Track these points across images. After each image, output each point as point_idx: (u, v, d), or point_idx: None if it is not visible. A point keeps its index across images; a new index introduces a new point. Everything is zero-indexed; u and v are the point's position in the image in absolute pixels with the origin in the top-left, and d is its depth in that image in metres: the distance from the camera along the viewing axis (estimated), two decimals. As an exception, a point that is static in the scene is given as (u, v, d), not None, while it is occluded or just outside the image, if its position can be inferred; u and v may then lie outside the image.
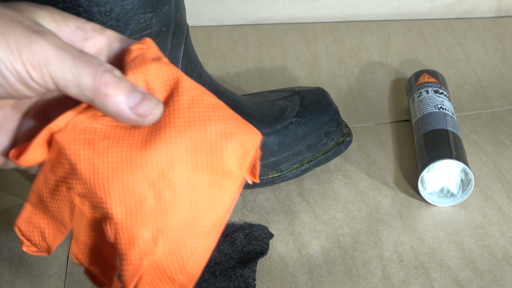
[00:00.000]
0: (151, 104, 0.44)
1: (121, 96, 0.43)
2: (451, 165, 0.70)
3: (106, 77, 0.43)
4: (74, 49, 0.43)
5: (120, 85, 0.43)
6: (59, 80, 0.42)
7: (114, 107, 0.43)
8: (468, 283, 0.63)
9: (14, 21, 0.42)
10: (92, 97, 0.43)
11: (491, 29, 1.00)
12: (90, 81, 0.43)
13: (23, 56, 0.41)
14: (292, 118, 0.72)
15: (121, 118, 0.44)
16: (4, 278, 0.64)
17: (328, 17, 1.04)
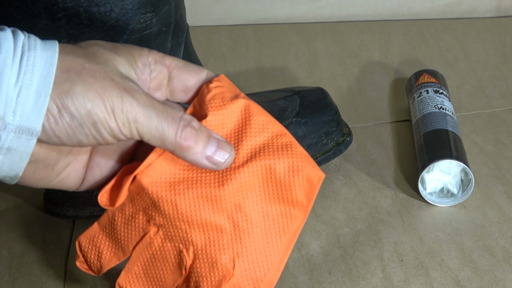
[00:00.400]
0: (225, 154, 0.50)
1: (199, 148, 0.49)
2: (451, 165, 0.70)
3: (186, 132, 0.48)
4: (158, 104, 0.48)
5: (198, 137, 0.49)
6: (145, 135, 0.47)
7: (192, 158, 0.49)
8: (468, 283, 0.63)
9: (107, 79, 0.46)
10: (173, 149, 0.48)
11: (491, 29, 1.00)
12: (172, 137, 0.48)
13: (116, 116, 0.46)
14: (292, 118, 0.72)
15: (198, 165, 0.50)
16: (4, 278, 0.64)
17: (328, 17, 1.04)
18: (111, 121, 0.46)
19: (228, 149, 0.50)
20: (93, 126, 0.46)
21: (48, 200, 0.70)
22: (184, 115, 0.49)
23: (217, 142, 0.50)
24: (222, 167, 0.50)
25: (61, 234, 0.69)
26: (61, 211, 0.70)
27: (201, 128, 0.49)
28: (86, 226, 0.69)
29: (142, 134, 0.47)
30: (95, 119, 0.46)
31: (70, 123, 0.45)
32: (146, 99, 0.47)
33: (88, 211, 0.69)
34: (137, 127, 0.47)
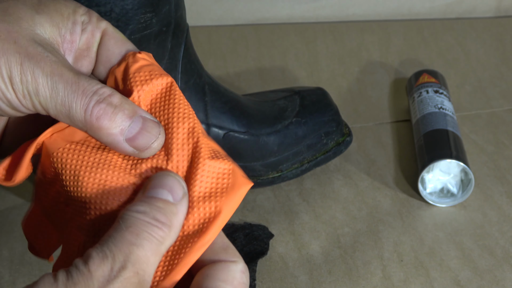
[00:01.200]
0: (150, 137, 0.41)
1: (116, 129, 0.40)
2: (451, 165, 0.70)
3: (99, 108, 0.40)
4: (69, 74, 0.41)
5: (116, 116, 0.40)
6: (50, 110, 0.41)
7: (108, 140, 0.41)
8: (468, 283, 0.63)
9: (8, 41, 0.40)
10: (85, 128, 0.41)
11: (491, 29, 1.00)
12: (81, 114, 0.40)
13: (15, 86, 0.40)
14: (292, 118, 0.72)
15: (116, 149, 0.41)
16: (4, 278, 0.64)
17: (328, 17, 1.04)
18: (7, 92, 0.40)
19: (155, 131, 0.41)
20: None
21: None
22: (101, 88, 0.41)
23: (143, 122, 0.41)
24: (146, 154, 0.41)
25: (61, 234, 0.69)
26: (61, 211, 0.70)
27: (122, 104, 0.41)
28: (86, 226, 0.69)
29: (46, 109, 0.41)
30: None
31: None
32: (54, 67, 0.40)
33: (88, 211, 0.69)
34: (39, 101, 0.41)
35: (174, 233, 0.38)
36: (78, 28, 0.44)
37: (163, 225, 0.38)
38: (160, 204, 0.38)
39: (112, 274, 0.36)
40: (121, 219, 0.38)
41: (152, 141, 0.41)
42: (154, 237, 0.37)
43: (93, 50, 0.45)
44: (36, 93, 0.40)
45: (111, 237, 0.37)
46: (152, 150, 0.41)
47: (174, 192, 0.39)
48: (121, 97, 0.41)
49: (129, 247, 0.37)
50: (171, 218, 0.38)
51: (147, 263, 0.37)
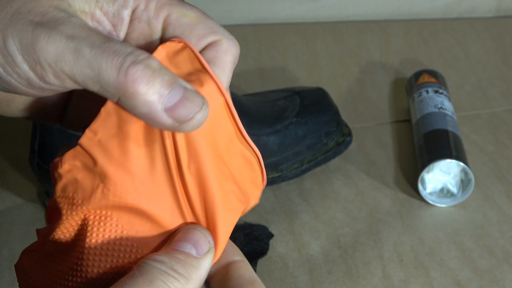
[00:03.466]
0: (192, 107, 0.34)
1: (154, 95, 0.34)
2: (451, 165, 0.70)
3: (135, 69, 0.33)
4: (96, 36, 0.34)
5: (154, 80, 0.34)
6: (77, 77, 0.34)
7: (144, 109, 0.34)
8: (468, 283, 0.63)
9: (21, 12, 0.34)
10: (118, 94, 0.34)
11: (491, 29, 1.00)
12: (113, 75, 0.33)
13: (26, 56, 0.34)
14: (292, 118, 0.72)
15: (153, 122, 0.35)
16: (4, 278, 0.64)
17: (328, 17, 1.04)
18: (17, 67, 0.34)
19: (198, 101, 0.35)
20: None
21: (48, 199, 0.70)
22: (137, 50, 0.34)
23: (184, 91, 0.34)
24: (187, 127, 0.35)
25: (61, 234, 0.69)
26: (61, 211, 0.70)
27: (162, 69, 0.34)
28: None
29: (72, 76, 0.34)
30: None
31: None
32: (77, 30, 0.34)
33: (88, 211, 0.69)
34: (62, 69, 0.34)
35: (191, 286, 0.36)
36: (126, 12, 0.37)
37: (180, 276, 0.35)
38: (180, 256, 0.36)
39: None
40: (136, 266, 0.36)
41: (195, 111, 0.34)
42: (169, 287, 0.35)
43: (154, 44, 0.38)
44: (56, 59, 0.34)
45: (123, 283, 0.35)
46: (195, 122, 0.35)
47: (199, 246, 0.37)
48: (160, 63, 0.34)
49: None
50: (190, 271, 0.36)
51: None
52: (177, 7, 0.38)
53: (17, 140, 0.79)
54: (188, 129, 0.35)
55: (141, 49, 0.35)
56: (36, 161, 0.69)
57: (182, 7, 0.39)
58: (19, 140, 0.79)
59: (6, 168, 0.77)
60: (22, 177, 0.75)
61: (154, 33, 0.38)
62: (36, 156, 0.69)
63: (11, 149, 0.79)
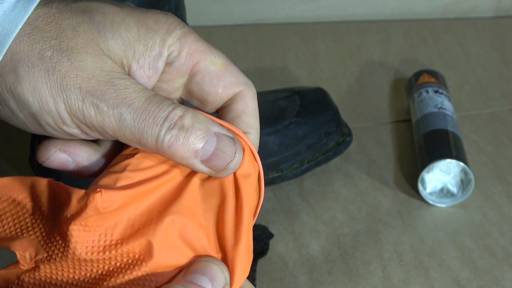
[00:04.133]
0: (226, 157, 0.38)
1: (189, 152, 0.37)
2: (451, 165, 0.70)
3: (170, 136, 0.37)
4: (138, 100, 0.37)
5: (188, 140, 0.37)
6: (119, 138, 0.38)
7: (183, 163, 0.38)
8: (468, 283, 0.63)
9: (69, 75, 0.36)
10: (158, 153, 0.38)
11: (491, 29, 1.00)
12: (152, 143, 0.37)
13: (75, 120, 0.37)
14: (292, 118, 0.72)
15: (193, 169, 0.39)
16: (4, 278, 0.64)
17: (328, 17, 1.04)
18: (65, 126, 0.37)
19: (230, 151, 0.38)
20: (41, 128, 0.38)
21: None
22: (172, 111, 0.37)
23: (217, 141, 0.38)
24: (224, 174, 0.39)
25: (61, 234, 0.69)
26: (61, 211, 0.70)
27: (194, 124, 0.37)
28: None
29: (116, 137, 0.38)
30: (41, 123, 0.37)
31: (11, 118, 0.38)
32: (120, 96, 0.37)
33: (88, 211, 0.69)
34: (107, 132, 0.37)
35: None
36: (161, 63, 0.40)
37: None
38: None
39: None
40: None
41: (228, 162, 0.38)
42: None
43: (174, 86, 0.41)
44: (102, 126, 0.37)
45: None
46: (230, 170, 0.39)
47: (215, 282, 0.37)
48: (192, 115, 0.38)
49: None
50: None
51: None
52: (206, 54, 0.41)
53: (17, 140, 0.79)
54: (224, 175, 0.39)
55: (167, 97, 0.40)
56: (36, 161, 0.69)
57: (211, 53, 0.42)
58: (19, 140, 0.79)
59: (6, 168, 0.77)
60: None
61: (179, 77, 0.41)
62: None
63: (11, 149, 0.79)
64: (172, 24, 0.40)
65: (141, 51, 0.39)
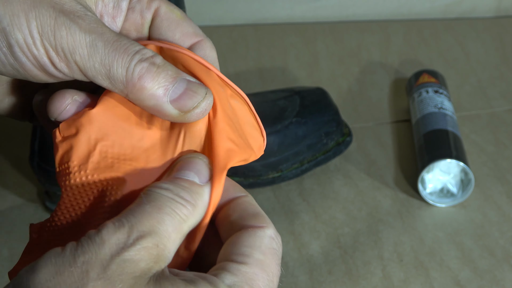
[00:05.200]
0: (196, 96, 0.38)
1: (160, 89, 0.37)
2: (451, 165, 0.70)
3: (141, 67, 0.37)
4: (109, 33, 0.37)
5: (159, 76, 0.37)
6: (87, 71, 0.37)
7: (152, 102, 0.37)
8: (468, 283, 0.63)
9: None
10: (126, 91, 0.37)
11: (491, 29, 1.00)
12: (122, 73, 0.37)
13: (45, 41, 0.36)
14: (292, 118, 0.72)
15: (160, 113, 0.38)
16: (5, 278, 0.64)
17: (328, 17, 1.04)
18: (35, 48, 0.36)
19: (201, 91, 0.38)
20: (9, 52, 0.36)
21: (49, 200, 0.70)
22: (143, 49, 0.38)
23: (187, 83, 0.38)
24: (192, 116, 0.38)
25: (61, 234, 0.69)
26: (61, 211, 0.70)
27: (165, 65, 0.38)
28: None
29: (84, 69, 0.37)
30: (11, 42, 0.36)
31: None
32: (93, 25, 0.37)
33: (88, 211, 0.69)
34: (75, 60, 0.36)
35: (198, 213, 0.37)
36: (124, 3, 0.41)
37: (187, 203, 0.36)
38: (185, 183, 0.37)
39: (128, 241, 0.33)
40: (143, 194, 0.36)
41: (199, 100, 0.38)
42: (177, 213, 0.35)
43: (143, 33, 0.42)
44: (72, 50, 0.36)
45: (131, 210, 0.35)
46: (199, 110, 0.38)
47: (201, 175, 0.37)
48: (163, 59, 0.38)
49: (150, 220, 0.34)
50: (196, 198, 0.36)
51: (168, 238, 0.35)
52: (165, 3, 0.42)
53: (17, 140, 0.79)
54: (193, 119, 0.38)
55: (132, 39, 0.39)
56: (36, 161, 0.69)
57: (169, 4, 0.42)
58: (19, 140, 0.79)
59: (6, 168, 0.77)
60: (22, 177, 0.75)
61: (145, 23, 0.41)
62: (36, 156, 0.69)
63: (11, 149, 0.79)
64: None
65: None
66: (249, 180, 0.72)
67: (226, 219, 0.39)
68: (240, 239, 0.37)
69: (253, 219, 0.38)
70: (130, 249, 0.33)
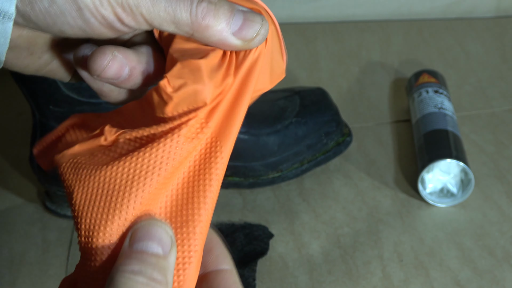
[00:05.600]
0: (255, 25, 0.40)
1: (222, 24, 0.40)
2: (451, 165, 0.70)
3: (202, 7, 0.39)
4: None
5: (219, 13, 0.40)
6: (154, 20, 0.39)
7: (217, 37, 0.40)
8: (468, 283, 0.63)
9: None
10: (192, 31, 0.40)
11: (491, 29, 1.00)
12: (186, 17, 0.39)
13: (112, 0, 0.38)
14: (292, 118, 0.72)
15: (226, 46, 0.40)
16: (5, 278, 0.64)
17: (328, 17, 1.04)
18: (102, 8, 0.38)
19: (258, 19, 0.40)
20: (79, 14, 0.38)
21: (49, 200, 0.70)
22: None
23: (243, 14, 0.40)
24: (256, 43, 0.41)
25: (61, 234, 0.69)
26: (61, 211, 0.70)
27: (220, 2, 0.40)
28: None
29: (150, 20, 0.39)
30: (80, 6, 0.38)
31: (48, 8, 0.38)
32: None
33: (88, 211, 0.69)
34: (141, 12, 0.39)
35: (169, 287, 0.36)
36: None
37: (160, 284, 0.35)
38: (153, 260, 0.36)
39: None
40: (115, 282, 0.35)
41: (258, 28, 0.40)
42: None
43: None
44: (137, 4, 0.38)
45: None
46: (261, 37, 0.41)
47: (164, 244, 0.37)
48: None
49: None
50: (166, 274, 0.36)
51: None
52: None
53: (17, 140, 0.80)
54: (256, 45, 0.41)
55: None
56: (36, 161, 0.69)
57: None
58: (19, 140, 0.79)
59: (6, 168, 0.77)
60: (22, 177, 0.75)
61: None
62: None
63: (11, 149, 0.79)
64: None
65: None
66: (249, 180, 0.72)
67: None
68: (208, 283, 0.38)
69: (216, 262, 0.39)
70: None
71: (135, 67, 0.41)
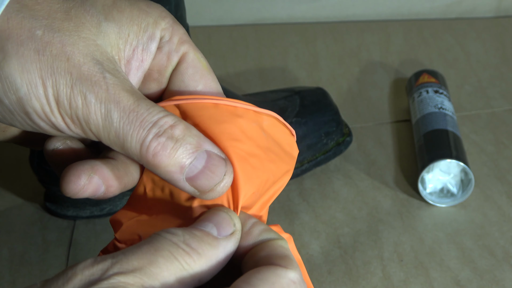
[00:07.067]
0: (213, 178, 0.35)
1: (174, 166, 0.35)
2: (451, 165, 0.70)
3: (157, 143, 0.35)
4: (126, 99, 0.35)
5: (176, 152, 0.35)
6: (102, 139, 0.36)
7: (167, 177, 0.36)
8: (468, 283, 0.63)
9: (60, 57, 0.35)
10: (141, 163, 0.36)
11: (491, 29, 1.00)
12: (136, 149, 0.35)
13: (62, 109, 0.35)
14: (292, 118, 0.72)
15: (176, 186, 0.36)
16: (5, 278, 0.64)
17: (328, 17, 1.04)
18: (52, 116, 0.35)
19: (220, 172, 0.35)
20: (27, 117, 0.36)
21: (49, 200, 0.70)
22: (162, 118, 0.35)
23: (207, 159, 0.35)
24: (209, 196, 0.36)
25: (61, 234, 0.69)
26: (61, 211, 0.70)
27: (185, 137, 0.35)
28: (86, 226, 0.69)
29: (98, 137, 0.36)
30: (28, 110, 0.35)
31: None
32: (110, 92, 0.35)
33: (89, 211, 0.70)
34: (90, 128, 0.36)
35: (206, 265, 0.33)
36: (154, 45, 0.38)
37: (192, 251, 0.33)
38: (197, 232, 0.34)
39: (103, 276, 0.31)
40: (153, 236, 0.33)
41: (215, 183, 0.36)
42: (176, 259, 0.33)
43: (165, 75, 0.40)
44: (86, 120, 0.35)
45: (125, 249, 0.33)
46: (216, 193, 0.36)
47: (221, 228, 0.35)
48: (184, 128, 0.36)
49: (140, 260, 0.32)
50: (205, 248, 0.34)
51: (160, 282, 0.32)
52: (194, 49, 0.40)
53: (17, 140, 0.79)
54: (209, 198, 0.36)
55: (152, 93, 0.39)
56: (36, 161, 0.69)
57: (198, 52, 0.41)
58: (19, 140, 0.79)
59: (6, 168, 0.77)
60: (22, 177, 0.75)
61: (169, 66, 0.40)
62: (36, 156, 0.69)
63: (11, 149, 0.79)
64: (164, 11, 0.39)
65: (135, 32, 0.38)
66: (249, 180, 0.72)
67: (252, 258, 0.36)
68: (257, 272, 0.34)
69: (278, 259, 0.35)
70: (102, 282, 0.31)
71: (111, 185, 0.38)
